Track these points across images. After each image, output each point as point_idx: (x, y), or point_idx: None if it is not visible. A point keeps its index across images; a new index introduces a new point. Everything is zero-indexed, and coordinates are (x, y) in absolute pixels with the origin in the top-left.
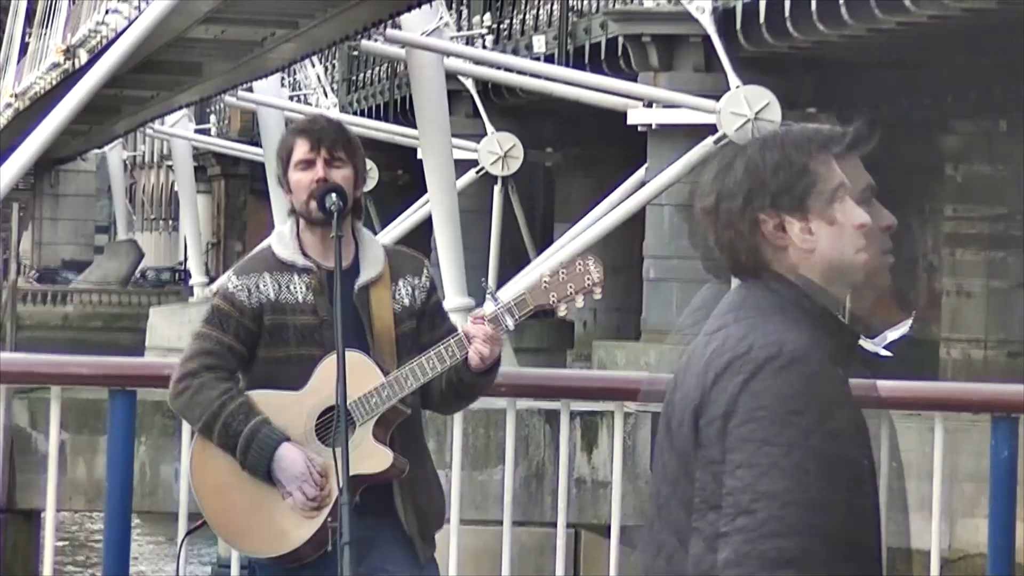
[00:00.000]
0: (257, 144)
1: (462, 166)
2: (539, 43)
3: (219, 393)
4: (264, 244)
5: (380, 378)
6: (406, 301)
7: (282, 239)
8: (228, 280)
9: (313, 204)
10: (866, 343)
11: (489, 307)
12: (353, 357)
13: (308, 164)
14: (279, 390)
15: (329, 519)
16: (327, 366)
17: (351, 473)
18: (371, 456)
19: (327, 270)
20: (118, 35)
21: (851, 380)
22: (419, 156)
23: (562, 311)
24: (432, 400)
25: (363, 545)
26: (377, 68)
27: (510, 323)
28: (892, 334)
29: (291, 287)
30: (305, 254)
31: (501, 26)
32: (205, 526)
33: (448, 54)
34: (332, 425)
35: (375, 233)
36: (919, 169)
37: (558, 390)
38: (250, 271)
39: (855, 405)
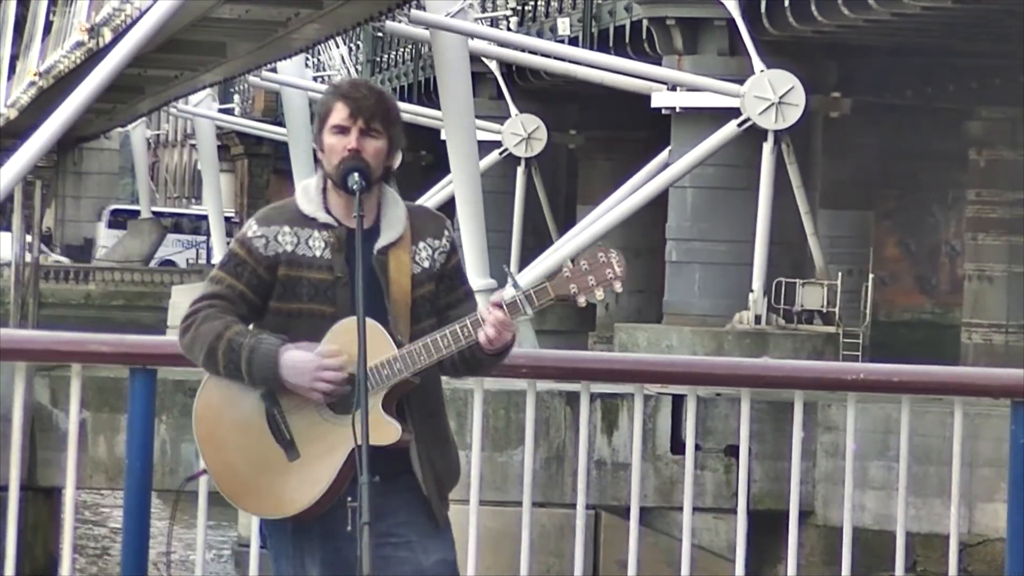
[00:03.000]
0: (281, 124)
1: (486, 147)
2: (563, 25)
3: (223, 322)
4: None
5: (393, 350)
6: (426, 264)
7: (307, 193)
8: (249, 227)
9: (342, 169)
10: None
11: (510, 292)
12: (367, 325)
13: (343, 130)
14: None
15: (349, 499)
16: (338, 332)
17: (359, 444)
18: (379, 428)
19: (347, 228)
20: (142, 14)
21: None
22: (443, 137)
23: (581, 302)
24: (444, 368)
25: (376, 510)
26: (401, 49)
27: (528, 311)
28: None
29: (310, 242)
30: (328, 211)
31: (525, 8)
32: (206, 475)
33: (472, 36)
34: (344, 394)
35: None
36: (943, 154)
37: (578, 372)
38: (271, 221)
39: None
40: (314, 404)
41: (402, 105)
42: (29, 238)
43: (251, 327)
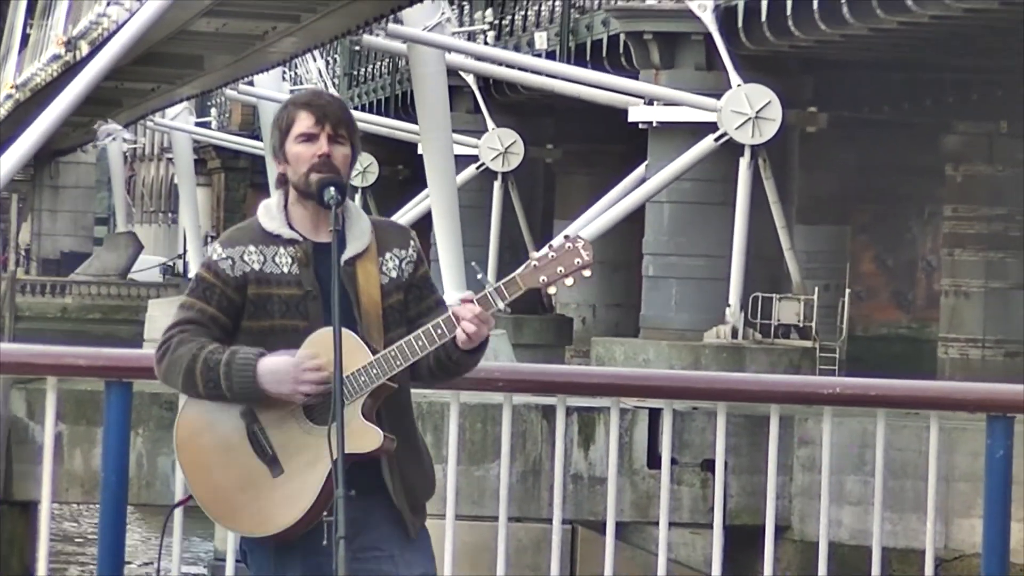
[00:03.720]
0: (258, 138)
1: (462, 162)
2: (541, 39)
3: (196, 343)
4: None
5: (368, 356)
6: (393, 274)
7: (269, 211)
8: (213, 251)
9: (313, 176)
10: None
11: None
12: (343, 334)
13: (310, 138)
14: None
15: (325, 513)
16: (314, 342)
17: (335, 458)
18: (360, 435)
19: (313, 243)
20: (119, 27)
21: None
22: (420, 151)
23: (552, 291)
24: (420, 375)
25: (355, 525)
26: (378, 63)
27: (500, 304)
28: None
29: (276, 259)
30: (292, 227)
31: (503, 22)
32: (192, 501)
33: (450, 50)
34: (320, 404)
35: None
36: (920, 169)
37: (555, 385)
38: (235, 242)
39: None
40: (294, 417)
41: (379, 119)
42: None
43: (218, 344)
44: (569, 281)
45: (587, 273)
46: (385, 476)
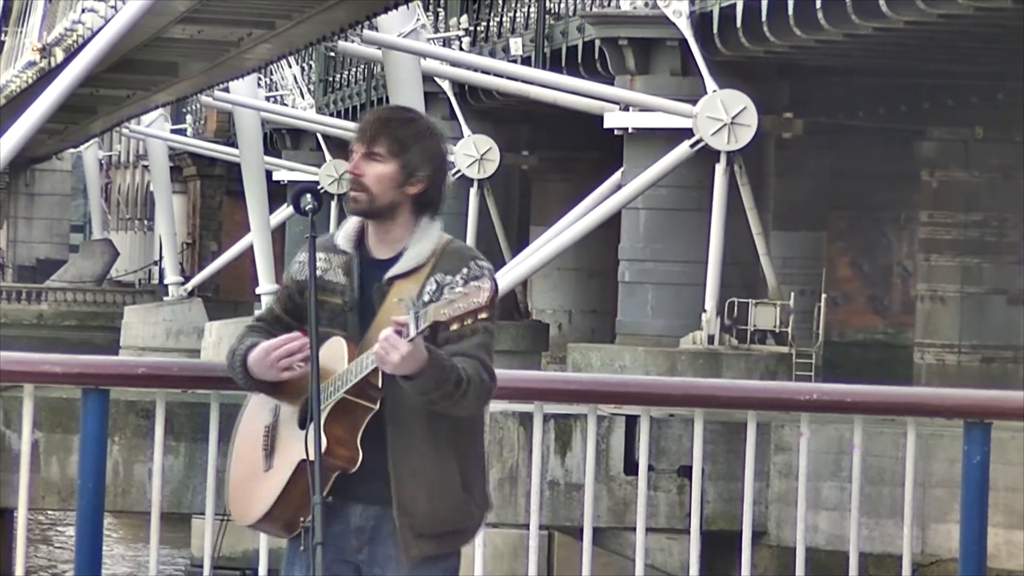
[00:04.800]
0: (233, 145)
1: None
2: (516, 45)
3: (238, 340)
4: None
5: (343, 368)
6: (426, 297)
7: (351, 221)
8: (299, 252)
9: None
10: None
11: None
12: (336, 344)
13: (351, 155)
14: None
15: (303, 519)
16: (324, 351)
17: (300, 458)
18: (302, 444)
19: (372, 258)
20: (94, 34)
21: None
22: None
23: (454, 327)
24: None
25: (363, 534)
26: (354, 69)
27: (412, 331)
28: None
29: (337, 268)
30: (361, 241)
31: (478, 28)
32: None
33: (425, 56)
34: (304, 408)
35: None
36: (895, 175)
37: (532, 392)
38: (317, 248)
39: None
40: (292, 418)
41: (355, 125)
42: None
43: (252, 341)
44: (469, 321)
45: (483, 315)
46: (391, 493)
